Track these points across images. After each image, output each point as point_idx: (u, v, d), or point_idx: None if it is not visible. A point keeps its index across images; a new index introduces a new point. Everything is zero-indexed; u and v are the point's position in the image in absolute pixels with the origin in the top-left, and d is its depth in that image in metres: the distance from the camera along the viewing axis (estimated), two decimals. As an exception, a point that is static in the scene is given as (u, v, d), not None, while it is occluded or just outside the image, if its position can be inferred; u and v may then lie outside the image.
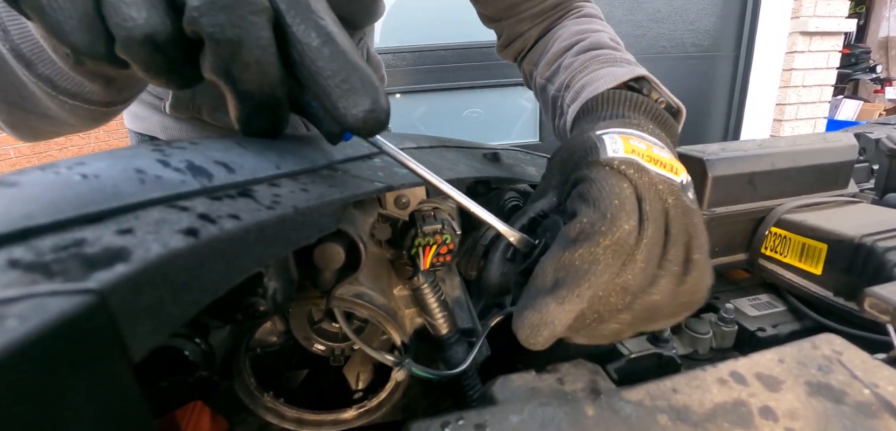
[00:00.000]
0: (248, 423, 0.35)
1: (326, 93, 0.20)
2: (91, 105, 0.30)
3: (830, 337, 0.26)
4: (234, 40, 0.18)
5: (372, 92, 0.20)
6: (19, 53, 0.26)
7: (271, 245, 0.18)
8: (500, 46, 0.58)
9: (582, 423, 0.21)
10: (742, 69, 2.61)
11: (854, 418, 0.21)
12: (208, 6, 0.17)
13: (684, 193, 0.25)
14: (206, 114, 0.58)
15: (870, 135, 0.72)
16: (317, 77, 0.20)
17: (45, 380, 0.09)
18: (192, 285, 0.13)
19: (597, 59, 0.42)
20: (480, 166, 0.42)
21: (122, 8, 0.17)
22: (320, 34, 0.19)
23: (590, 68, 0.41)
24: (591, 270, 0.22)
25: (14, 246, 0.11)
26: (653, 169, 0.24)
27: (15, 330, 0.09)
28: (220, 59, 0.18)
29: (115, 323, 0.11)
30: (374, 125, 0.20)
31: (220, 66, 0.19)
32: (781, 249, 0.46)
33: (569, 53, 0.46)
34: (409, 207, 0.34)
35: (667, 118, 0.34)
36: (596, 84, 0.38)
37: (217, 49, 0.18)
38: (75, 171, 0.15)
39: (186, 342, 0.25)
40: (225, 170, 0.19)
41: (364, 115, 0.20)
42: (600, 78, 0.38)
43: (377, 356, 0.32)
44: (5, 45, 0.26)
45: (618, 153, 0.25)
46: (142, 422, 0.11)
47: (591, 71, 0.40)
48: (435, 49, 2.24)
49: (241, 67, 0.19)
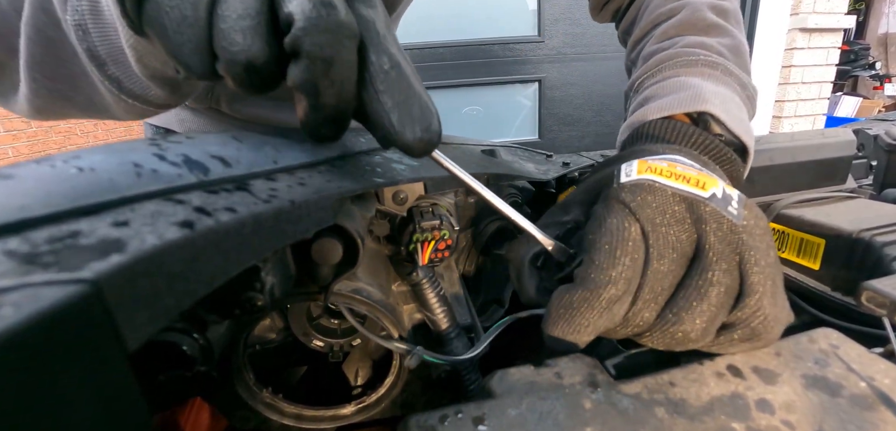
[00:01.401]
0: (246, 419, 0.35)
1: (388, 113, 0.21)
2: (149, 106, 0.31)
3: (827, 331, 0.26)
4: (328, 59, 0.20)
5: (427, 118, 0.22)
6: (94, 54, 0.27)
7: (268, 238, 0.18)
8: (594, 6, 0.52)
9: (580, 416, 0.21)
10: (741, 66, 2.61)
11: (850, 410, 0.21)
12: (313, 27, 0.19)
13: (723, 208, 0.23)
14: (224, 104, 0.58)
15: (868, 131, 0.72)
16: (382, 96, 0.21)
17: (40, 369, 0.09)
18: (187, 276, 0.13)
19: (674, 61, 0.36)
20: (478, 162, 0.42)
21: (231, 34, 0.19)
22: (391, 61, 0.21)
23: (661, 74, 0.36)
24: (586, 310, 0.23)
25: (9, 238, 0.11)
26: (672, 186, 0.24)
27: (9, 317, 0.09)
28: (311, 74, 0.20)
29: (110, 313, 0.11)
30: (425, 148, 0.22)
31: (308, 80, 0.20)
32: (780, 244, 0.47)
33: (653, 35, 0.40)
34: (407, 203, 0.34)
35: (725, 153, 0.30)
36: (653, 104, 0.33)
37: (312, 66, 0.20)
38: (71, 165, 0.15)
39: (184, 337, 0.25)
40: (221, 165, 0.19)
41: (417, 139, 0.22)
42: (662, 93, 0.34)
43: (388, 344, 0.32)
44: (82, 45, 0.27)
45: (630, 176, 0.25)
46: (137, 411, 0.11)
47: (660, 79, 0.36)
48: (434, 46, 2.24)
49: (328, 83, 0.20)
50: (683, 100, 0.32)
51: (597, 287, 0.23)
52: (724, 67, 0.35)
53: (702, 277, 0.22)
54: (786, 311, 0.24)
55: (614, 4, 0.50)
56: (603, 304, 0.23)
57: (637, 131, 0.33)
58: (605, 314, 0.23)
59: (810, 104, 2.64)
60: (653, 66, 0.37)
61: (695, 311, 0.22)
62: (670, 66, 0.36)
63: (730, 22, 0.39)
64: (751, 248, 0.23)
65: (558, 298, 0.24)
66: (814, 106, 2.65)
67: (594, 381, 0.23)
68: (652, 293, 0.23)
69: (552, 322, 0.24)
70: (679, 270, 0.23)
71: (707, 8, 0.38)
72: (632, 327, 0.24)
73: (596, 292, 0.23)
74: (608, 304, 0.23)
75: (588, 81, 2.42)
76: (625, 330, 0.24)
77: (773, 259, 0.23)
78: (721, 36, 0.38)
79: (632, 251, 0.23)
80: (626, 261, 0.23)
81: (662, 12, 0.40)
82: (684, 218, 0.24)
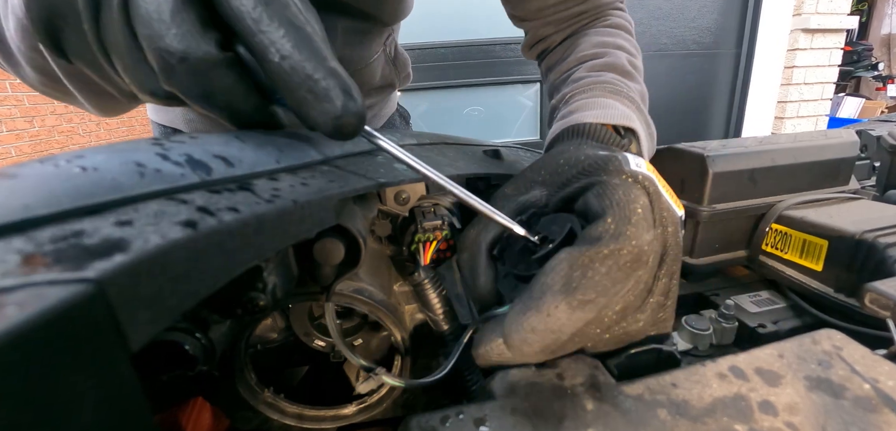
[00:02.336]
0: (248, 419, 0.35)
1: (297, 105, 0.20)
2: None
3: (830, 332, 0.26)
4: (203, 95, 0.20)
5: (336, 99, 0.20)
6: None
7: (270, 238, 0.18)
8: (526, 46, 0.59)
9: (581, 417, 0.21)
10: (743, 66, 2.61)
11: (853, 412, 0.21)
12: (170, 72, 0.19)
13: (681, 228, 0.26)
14: None
15: (871, 132, 0.72)
16: (285, 93, 0.20)
17: (44, 368, 0.09)
18: (190, 276, 0.13)
19: (602, 86, 0.42)
20: (481, 163, 0.42)
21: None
22: (279, 49, 0.19)
23: (591, 93, 0.42)
24: (610, 275, 0.21)
25: (13, 237, 0.11)
26: (664, 195, 0.25)
27: (13, 317, 0.09)
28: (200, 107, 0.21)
29: (113, 313, 0.11)
30: (346, 130, 0.21)
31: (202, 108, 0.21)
32: (782, 245, 0.46)
33: (582, 66, 0.46)
34: (410, 203, 0.34)
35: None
36: (589, 112, 0.39)
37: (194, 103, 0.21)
38: (74, 164, 0.15)
39: (186, 336, 0.25)
40: (224, 164, 0.19)
41: (332, 122, 0.20)
42: (597, 107, 0.39)
43: (354, 359, 0.32)
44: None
45: (641, 168, 0.25)
46: (139, 411, 0.11)
47: (591, 96, 0.41)
48: (436, 47, 2.24)
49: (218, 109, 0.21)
50: (616, 115, 0.38)
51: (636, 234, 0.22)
52: (638, 105, 0.42)
53: (673, 279, 0.25)
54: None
55: (542, 46, 0.57)
56: (631, 261, 0.22)
57: (574, 128, 0.38)
58: (630, 274, 0.22)
59: (813, 105, 2.64)
60: (585, 85, 0.43)
61: (669, 309, 0.25)
62: (601, 90, 0.42)
63: (640, 75, 0.48)
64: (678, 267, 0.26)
65: (568, 260, 0.22)
66: (816, 107, 2.65)
67: (596, 382, 0.23)
68: (649, 278, 0.24)
69: (549, 299, 0.21)
70: (656, 270, 0.25)
71: (625, 60, 0.47)
72: (620, 314, 0.23)
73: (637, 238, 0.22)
74: (634, 265, 0.22)
75: (590, 82, 2.42)
76: (614, 315, 0.23)
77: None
78: (635, 82, 0.46)
79: (652, 226, 0.23)
80: (653, 231, 0.23)
81: (591, 53, 0.48)
82: (666, 226, 0.25)
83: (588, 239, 0.22)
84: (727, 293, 0.48)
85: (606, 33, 0.50)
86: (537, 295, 0.22)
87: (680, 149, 0.48)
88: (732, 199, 0.47)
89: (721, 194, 0.46)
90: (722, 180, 0.45)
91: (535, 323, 0.22)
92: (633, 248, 0.22)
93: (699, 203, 0.46)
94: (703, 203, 0.46)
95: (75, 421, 0.10)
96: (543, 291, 0.22)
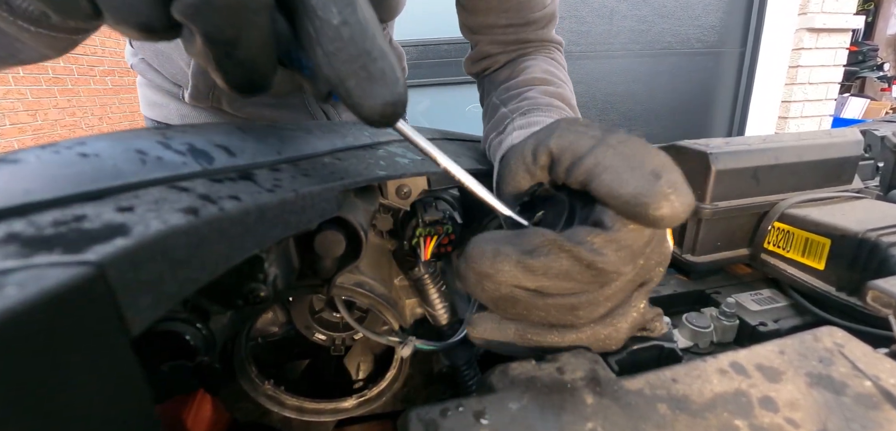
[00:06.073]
0: (249, 412, 0.35)
1: (342, 79, 0.18)
2: (54, 32, 0.26)
3: (832, 329, 0.26)
4: (231, 41, 0.16)
5: (392, 84, 0.18)
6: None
7: (271, 227, 0.18)
8: (470, 60, 0.60)
9: (581, 411, 0.21)
10: (748, 65, 2.59)
11: (854, 409, 0.21)
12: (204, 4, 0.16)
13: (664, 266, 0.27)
14: (225, 103, 0.58)
15: (875, 132, 0.71)
16: (332, 59, 0.17)
17: (44, 348, 0.09)
18: (191, 262, 0.13)
19: (558, 110, 0.43)
20: (483, 158, 0.42)
21: None
22: (341, 10, 0.17)
23: (549, 112, 0.42)
24: (568, 273, 0.23)
25: (14, 220, 0.11)
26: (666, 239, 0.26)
27: (13, 297, 0.09)
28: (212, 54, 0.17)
29: (113, 296, 0.11)
30: (390, 119, 0.19)
31: (210, 59, 0.17)
32: (784, 244, 0.46)
33: (535, 88, 0.47)
34: (411, 197, 0.34)
35: None
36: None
37: (212, 47, 0.16)
38: (75, 151, 0.15)
39: (187, 326, 0.25)
40: (226, 154, 0.19)
41: (381, 107, 0.18)
42: None
43: (381, 339, 0.32)
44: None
45: None
46: (140, 394, 0.12)
47: (549, 115, 0.42)
48: (438, 43, 2.24)
49: (235, 64, 0.17)
50: None
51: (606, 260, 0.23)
52: None
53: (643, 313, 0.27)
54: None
55: (486, 64, 0.57)
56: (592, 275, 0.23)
57: None
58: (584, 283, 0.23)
59: (817, 105, 2.62)
60: (543, 104, 0.43)
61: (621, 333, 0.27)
62: (557, 112, 0.42)
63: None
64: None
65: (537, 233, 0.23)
66: (820, 106, 2.63)
67: (596, 376, 0.23)
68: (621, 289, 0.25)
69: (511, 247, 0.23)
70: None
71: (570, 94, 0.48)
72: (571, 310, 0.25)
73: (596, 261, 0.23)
74: (596, 277, 0.23)
75: (592, 79, 2.41)
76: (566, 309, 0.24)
77: None
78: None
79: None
80: (640, 264, 0.24)
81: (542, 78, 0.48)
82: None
83: (574, 238, 0.23)
84: (728, 291, 0.48)
85: (551, 64, 0.52)
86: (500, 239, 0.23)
87: (683, 146, 0.48)
88: (735, 197, 0.47)
89: (723, 192, 0.46)
90: (725, 178, 0.45)
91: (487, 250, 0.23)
92: (605, 269, 0.23)
93: (701, 200, 0.46)
94: (705, 200, 0.46)
95: (76, 403, 0.10)
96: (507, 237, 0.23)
